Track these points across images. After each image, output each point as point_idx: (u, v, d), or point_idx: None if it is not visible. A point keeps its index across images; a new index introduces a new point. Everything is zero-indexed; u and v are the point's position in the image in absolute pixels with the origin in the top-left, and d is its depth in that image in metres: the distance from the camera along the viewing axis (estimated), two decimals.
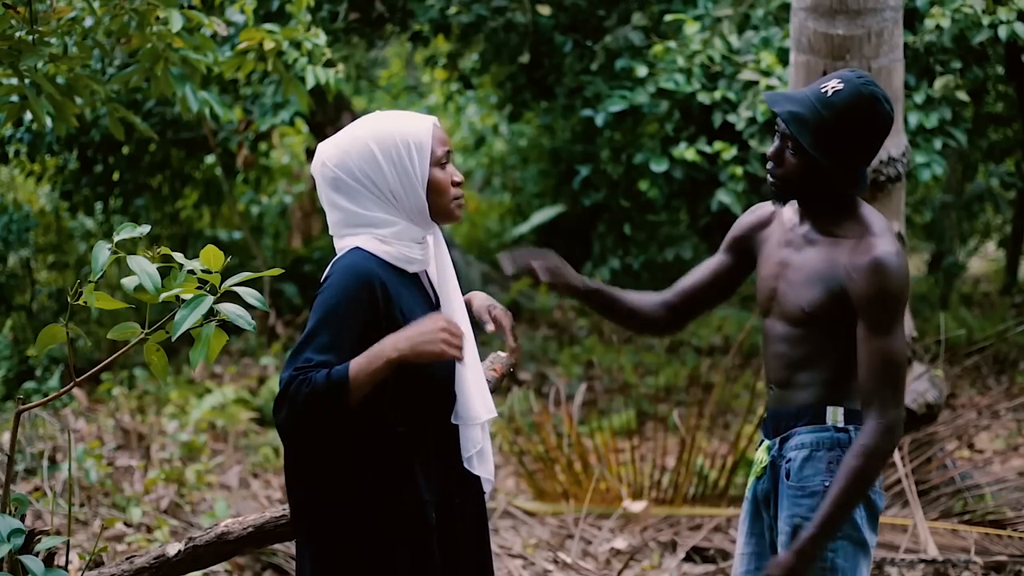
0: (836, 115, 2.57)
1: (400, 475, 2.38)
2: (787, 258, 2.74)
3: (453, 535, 2.46)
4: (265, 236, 10.17)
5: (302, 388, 2.23)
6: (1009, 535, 4.68)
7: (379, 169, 2.39)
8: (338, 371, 2.24)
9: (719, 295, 2.99)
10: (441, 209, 2.45)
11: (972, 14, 6.10)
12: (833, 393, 2.72)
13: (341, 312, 2.30)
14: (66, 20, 3.94)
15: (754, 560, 2.86)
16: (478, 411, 2.44)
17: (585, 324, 9.72)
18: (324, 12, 7.71)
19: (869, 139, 2.62)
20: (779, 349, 2.75)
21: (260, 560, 4.71)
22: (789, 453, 2.73)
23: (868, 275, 2.57)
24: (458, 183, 2.48)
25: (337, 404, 2.23)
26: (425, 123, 2.44)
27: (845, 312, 2.62)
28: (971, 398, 7.36)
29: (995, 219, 11.86)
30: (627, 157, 8.21)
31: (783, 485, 2.74)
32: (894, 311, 2.59)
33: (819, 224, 2.70)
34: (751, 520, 2.87)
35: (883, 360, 2.59)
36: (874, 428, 2.58)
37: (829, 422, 2.70)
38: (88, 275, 2.48)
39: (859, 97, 2.58)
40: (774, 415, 2.81)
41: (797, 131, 2.58)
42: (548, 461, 5.79)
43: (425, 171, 2.41)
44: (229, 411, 6.78)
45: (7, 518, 2.52)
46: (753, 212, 2.92)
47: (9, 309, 8.46)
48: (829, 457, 2.69)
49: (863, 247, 2.60)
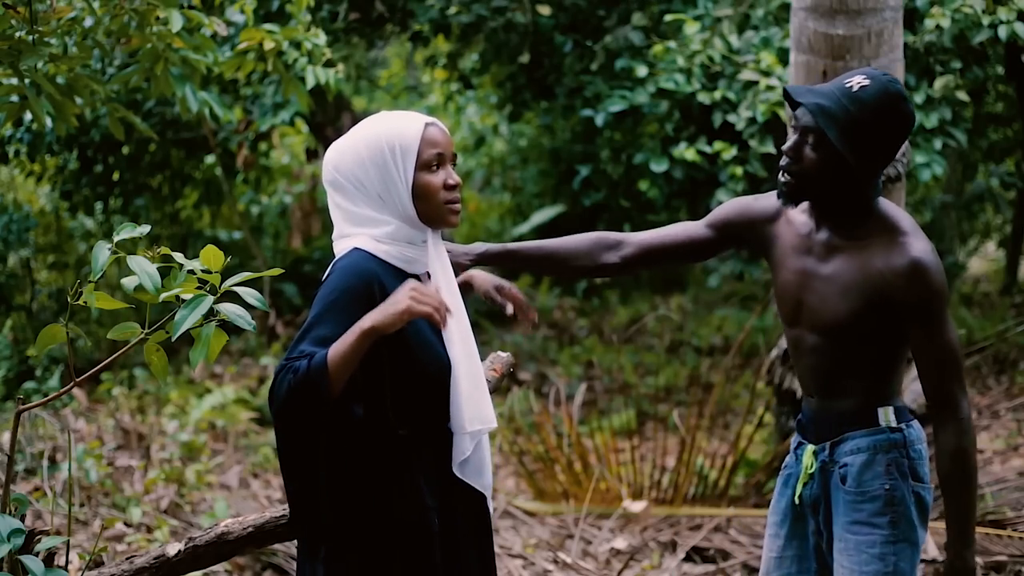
0: (864, 111, 2.51)
1: (402, 479, 2.36)
2: (811, 268, 2.67)
3: (455, 542, 2.44)
4: (265, 236, 10.18)
5: (287, 376, 2.21)
6: (1009, 535, 4.68)
7: (366, 171, 2.37)
8: (318, 356, 2.21)
9: (680, 262, 2.94)
10: (429, 214, 2.40)
11: (972, 14, 6.10)
12: (879, 394, 2.68)
13: (339, 306, 2.27)
14: (66, 20, 3.94)
15: (796, 563, 2.82)
16: (465, 421, 2.38)
17: (585, 324, 9.72)
18: (324, 12, 7.71)
19: (894, 137, 2.57)
20: (815, 361, 2.70)
21: (260, 560, 4.71)
22: (844, 458, 2.69)
23: (911, 279, 2.53)
24: (452, 186, 2.41)
25: (319, 389, 2.19)
26: (415, 125, 2.39)
27: (885, 318, 2.58)
28: (971, 398, 7.36)
29: (995, 219, 11.85)
30: (627, 157, 8.21)
31: (838, 491, 2.69)
32: (942, 307, 2.56)
33: (839, 229, 2.63)
34: (791, 523, 2.82)
35: (946, 358, 2.56)
36: (958, 427, 2.57)
37: (882, 423, 2.67)
38: (88, 275, 2.47)
39: (887, 95, 2.53)
40: (817, 420, 2.75)
41: (824, 123, 2.50)
42: (548, 461, 5.79)
43: (410, 175, 2.37)
44: (229, 411, 6.79)
45: (7, 518, 2.52)
46: (757, 201, 2.82)
47: (9, 309, 8.47)
48: (887, 460, 2.66)
49: (896, 250, 2.55)
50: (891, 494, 2.64)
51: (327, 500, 2.32)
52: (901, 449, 2.66)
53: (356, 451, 2.32)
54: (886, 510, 2.64)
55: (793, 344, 2.75)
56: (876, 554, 2.64)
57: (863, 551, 2.65)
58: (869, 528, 2.65)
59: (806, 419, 2.79)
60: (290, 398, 2.21)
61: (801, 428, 2.82)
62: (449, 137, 2.44)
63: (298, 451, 2.30)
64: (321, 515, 2.34)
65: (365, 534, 2.35)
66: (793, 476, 2.83)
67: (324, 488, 2.32)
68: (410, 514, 2.36)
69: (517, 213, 11.54)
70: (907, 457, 2.67)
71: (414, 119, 2.41)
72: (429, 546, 2.38)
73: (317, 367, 2.19)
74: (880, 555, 2.64)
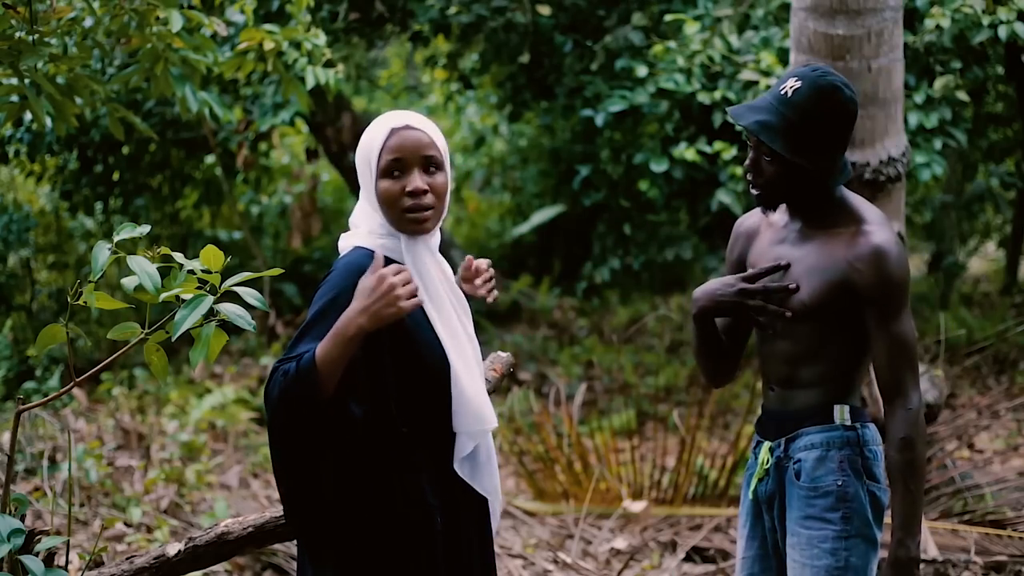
0: (800, 113, 2.59)
1: (404, 478, 2.36)
2: (783, 254, 2.75)
3: (457, 541, 2.44)
4: (265, 236, 10.18)
5: (279, 378, 2.22)
6: (1009, 535, 4.68)
7: (359, 172, 2.44)
8: (306, 356, 2.21)
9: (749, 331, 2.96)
10: (393, 221, 2.38)
11: (972, 14, 6.10)
12: (838, 391, 2.73)
13: (338, 305, 2.27)
14: (66, 20, 3.94)
15: (757, 563, 2.85)
16: (464, 420, 2.39)
17: (585, 324, 9.72)
18: (324, 12, 7.71)
19: (838, 129, 2.64)
20: (779, 347, 2.75)
21: (260, 560, 4.71)
22: (798, 454, 2.73)
23: (872, 264, 2.60)
24: (415, 192, 2.34)
25: (310, 389, 2.20)
26: (381, 130, 2.37)
27: (847, 304, 2.64)
28: (971, 398, 7.36)
29: (995, 219, 11.84)
30: (627, 157, 8.21)
31: (792, 486, 2.73)
32: (901, 296, 2.62)
33: (811, 220, 2.72)
34: (752, 523, 2.86)
35: (899, 345, 2.62)
36: (906, 417, 2.61)
37: (837, 421, 2.71)
38: (88, 275, 2.48)
39: (818, 90, 2.60)
40: (775, 416, 2.80)
41: (768, 139, 2.59)
42: (548, 461, 5.79)
43: (373, 181, 2.38)
44: (229, 411, 6.79)
45: (7, 518, 2.52)
46: (743, 222, 2.92)
47: (9, 309, 8.47)
48: (840, 456, 2.69)
49: (861, 238, 2.63)
50: (843, 490, 2.68)
51: (328, 499, 2.31)
52: (855, 447, 2.70)
53: (358, 449, 2.32)
54: (838, 505, 2.68)
55: (759, 334, 2.81)
56: (828, 549, 2.67)
57: (814, 545, 2.68)
58: (821, 523, 2.68)
59: (765, 416, 2.84)
60: (281, 398, 2.22)
61: (760, 426, 2.87)
62: (424, 140, 2.37)
63: (292, 451, 2.29)
64: (318, 514, 2.34)
65: (366, 532, 2.34)
66: (753, 476, 2.86)
67: (325, 487, 2.31)
68: (412, 512, 2.36)
69: (517, 213, 11.54)
70: (861, 456, 2.71)
71: (383, 124, 2.39)
72: (431, 545, 2.38)
73: (305, 367, 2.20)
74: (832, 550, 2.67)
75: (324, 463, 2.29)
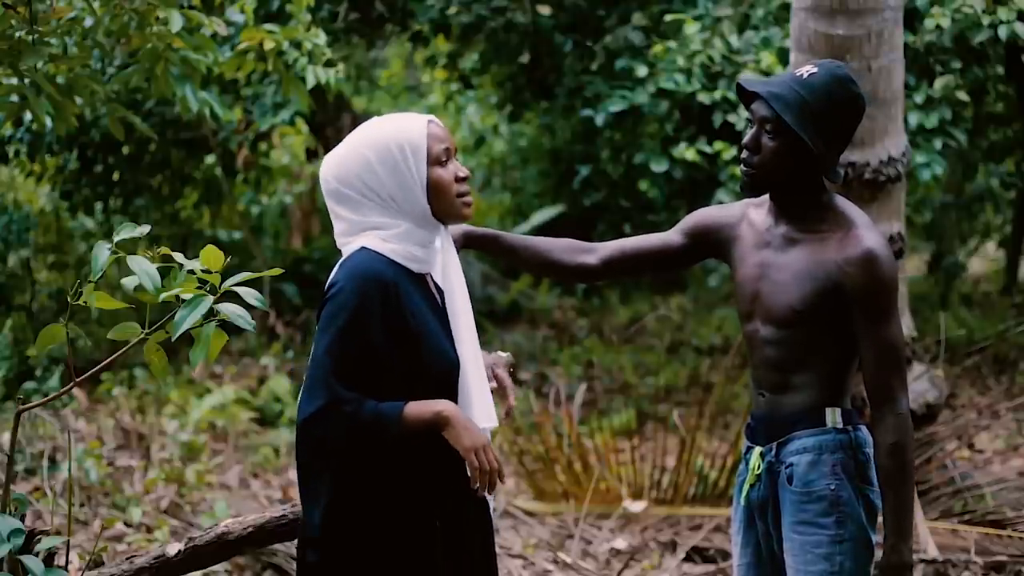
0: (814, 94, 2.59)
1: (405, 477, 2.36)
2: (768, 259, 2.71)
3: (458, 543, 2.43)
4: (265, 236, 10.17)
5: (340, 420, 2.27)
6: (1009, 535, 4.68)
7: (376, 176, 2.37)
8: (390, 408, 2.29)
9: (655, 270, 3.00)
10: (445, 209, 2.41)
11: (972, 14, 6.10)
12: (829, 394, 2.70)
13: (358, 328, 2.29)
14: (66, 20, 3.94)
15: (751, 571, 2.83)
16: (475, 417, 2.39)
17: (585, 324, 9.72)
18: (324, 12, 7.71)
19: (847, 118, 2.64)
20: (769, 353, 2.71)
21: (260, 560, 4.71)
22: (790, 458, 2.70)
23: (863, 267, 2.58)
24: (463, 178, 2.43)
25: (380, 438, 2.30)
26: (419, 123, 2.41)
27: (837, 308, 2.62)
28: (971, 398, 7.36)
29: (995, 219, 11.84)
30: (627, 157, 8.20)
31: (785, 491, 2.71)
32: (890, 299, 2.61)
33: (798, 222, 2.69)
34: (744, 529, 2.83)
35: (887, 348, 2.60)
36: (894, 423, 2.60)
37: (829, 424, 2.69)
38: (88, 275, 2.47)
39: (835, 78, 2.61)
40: (766, 420, 2.76)
41: (780, 108, 2.57)
42: (548, 461, 5.79)
43: (423, 172, 2.37)
44: (229, 411, 6.79)
45: (7, 518, 2.52)
46: (722, 209, 2.90)
47: (9, 309, 8.46)
48: (833, 460, 2.67)
49: (851, 240, 2.61)
50: (836, 494, 2.66)
51: (329, 498, 2.32)
52: (848, 450, 2.68)
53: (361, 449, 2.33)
54: (832, 510, 2.66)
55: (749, 339, 2.78)
56: (822, 554, 2.65)
57: (808, 551, 2.66)
58: (815, 528, 2.66)
59: (755, 421, 2.81)
60: (352, 438, 2.30)
61: (750, 432, 2.83)
62: (449, 133, 2.47)
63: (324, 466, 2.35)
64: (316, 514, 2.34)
65: (367, 532, 2.34)
66: (744, 482, 2.83)
67: (326, 487, 2.32)
68: (413, 512, 2.36)
69: (517, 213, 11.54)
70: (854, 459, 2.69)
71: (415, 118, 2.43)
72: (432, 544, 2.38)
73: (386, 421, 2.30)
74: (826, 555, 2.65)
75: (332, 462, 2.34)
